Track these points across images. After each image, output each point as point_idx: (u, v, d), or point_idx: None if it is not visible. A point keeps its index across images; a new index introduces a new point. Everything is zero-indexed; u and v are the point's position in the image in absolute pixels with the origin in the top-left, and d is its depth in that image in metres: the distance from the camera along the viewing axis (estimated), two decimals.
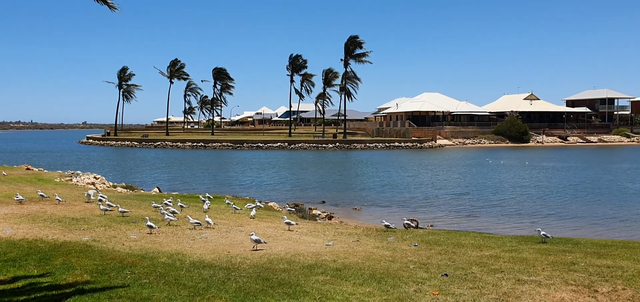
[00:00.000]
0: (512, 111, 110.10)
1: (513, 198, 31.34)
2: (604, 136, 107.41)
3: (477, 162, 60.57)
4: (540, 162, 60.08)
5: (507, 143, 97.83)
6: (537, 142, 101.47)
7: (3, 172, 30.95)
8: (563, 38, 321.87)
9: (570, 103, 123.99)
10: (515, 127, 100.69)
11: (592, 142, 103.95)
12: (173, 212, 16.69)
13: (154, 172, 48.95)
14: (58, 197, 19.02)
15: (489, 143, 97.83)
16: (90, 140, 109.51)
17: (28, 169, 36.38)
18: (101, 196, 19.91)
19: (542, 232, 14.65)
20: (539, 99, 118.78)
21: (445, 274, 9.70)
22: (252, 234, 12.30)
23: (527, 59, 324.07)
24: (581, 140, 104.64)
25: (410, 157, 69.92)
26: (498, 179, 42.07)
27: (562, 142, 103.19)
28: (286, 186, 38.12)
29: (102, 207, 17.00)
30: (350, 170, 52.46)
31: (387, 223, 17.02)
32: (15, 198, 18.72)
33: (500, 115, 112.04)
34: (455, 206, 28.69)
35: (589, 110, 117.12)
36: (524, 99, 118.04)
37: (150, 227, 13.70)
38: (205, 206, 19.26)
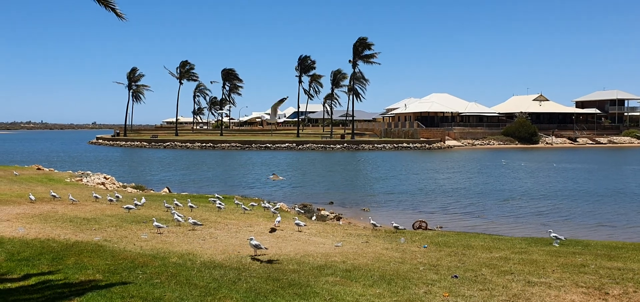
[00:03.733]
0: (521, 112, 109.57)
1: (524, 199, 31.20)
2: (614, 137, 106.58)
3: (490, 163, 60.29)
4: (564, 163, 59.62)
5: (516, 144, 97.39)
6: (547, 143, 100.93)
7: (15, 172, 31.25)
8: (573, 39, 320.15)
9: (580, 104, 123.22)
10: (525, 128, 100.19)
11: (602, 143, 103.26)
12: (179, 211, 16.79)
13: (164, 173, 49.17)
14: (71, 197, 19.20)
15: (498, 144, 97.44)
16: (100, 141, 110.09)
17: (39, 169, 36.69)
18: (115, 195, 20.17)
19: (553, 234, 14.61)
20: (548, 100, 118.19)
21: (455, 276, 9.71)
22: (252, 239, 11.41)
23: (536, 60, 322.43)
24: (591, 142, 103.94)
25: (419, 158, 69.78)
26: (517, 182, 41.90)
27: (571, 143, 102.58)
28: (294, 187, 38.18)
29: (127, 206, 17.31)
30: (358, 171, 52.46)
31: (396, 224, 17.05)
32: (30, 198, 19.00)
33: (510, 116, 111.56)
34: (465, 207, 28.62)
35: (599, 112, 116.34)
36: (534, 100, 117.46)
37: (158, 227, 13.79)
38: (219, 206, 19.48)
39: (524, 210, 27.48)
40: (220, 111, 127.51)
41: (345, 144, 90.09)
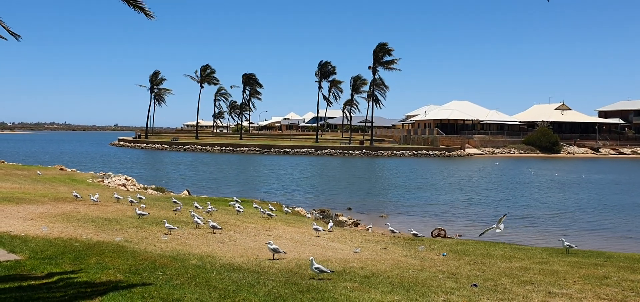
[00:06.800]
0: (543, 121, 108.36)
1: (547, 210, 30.82)
2: (638, 148, 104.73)
3: (515, 172, 59.66)
4: (592, 174, 58.85)
5: (538, 153, 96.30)
6: (568, 153, 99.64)
7: (38, 172, 31.81)
8: (596, 47, 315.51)
9: (603, 114, 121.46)
10: (546, 137, 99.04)
11: (625, 154, 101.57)
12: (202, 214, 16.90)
13: (183, 175, 49.59)
14: (93, 198, 19.50)
15: (519, 153, 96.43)
16: (122, 143, 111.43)
17: (62, 169, 37.29)
18: (138, 197, 20.41)
19: (567, 243, 14.49)
20: (570, 110, 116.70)
21: (475, 285, 9.63)
22: (270, 243, 11.60)
23: (559, 69, 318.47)
24: (614, 152, 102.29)
25: (438, 165, 69.37)
26: (541, 193, 41.40)
27: (593, 153, 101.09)
28: (312, 192, 38.22)
29: (140, 213, 17.35)
30: (376, 177, 52.32)
31: (414, 231, 16.98)
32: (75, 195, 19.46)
33: (531, 125, 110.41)
34: (484, 216, 28.36)
35: (623, 122, 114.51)
36: (555, 109, 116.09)
37: (170, 229, 13.93)
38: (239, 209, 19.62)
39: (545, 220, 27.16)
40: (241, 115, 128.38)
41: (364, 150, 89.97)
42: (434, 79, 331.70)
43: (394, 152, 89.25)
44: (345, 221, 24.38)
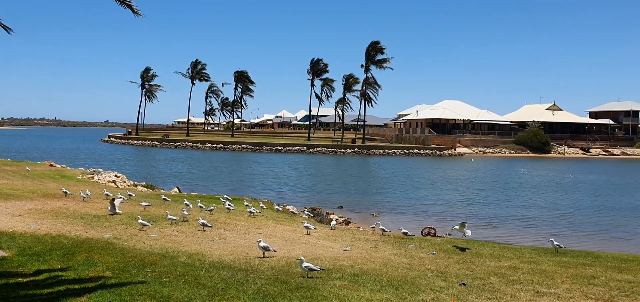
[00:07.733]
0: (533, 121, 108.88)
1: (537, 210, 30.98)
2: (627, 149, 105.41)
3: (507, 172, 59.91)
4: (584, 174, 59.26)
5: (528, 153, 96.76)
6: (559, 153, 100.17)
7: (27, 168, 31.56)
8: (587, 48, 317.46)
9: (594, 115, 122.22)
10: (537, 138, 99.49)
11: (615, 154, 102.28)
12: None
13: (174, 172, 49.40)
14: (84, 195, 19.38)
15: (510, 153, 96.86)
16: (112, 139, 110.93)
17: (51, 165, 37.02)
18: (128, 194, 20.30)
19: (556, 243, 14.57)
20: (561, 110, 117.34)
21: (464, 284, 9.68)
22: (260, 241, 11.65)
23: (550, 69, 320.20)
24: (604, 153, 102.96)
25: (430, 164, 69.55)
26: (533, 193, 41.60)
27: (584, 154, 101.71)
28: (304, 190, 38.20)
29: (113, 210, 17.24)
30: (368, 176, 52.37)
31: (404, 230, 17.04)
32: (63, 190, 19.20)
33: (522, 125, 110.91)
34: (474, 215, 28.47)
35: (613, 123, 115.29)
36: (546, 109, 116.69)
37: (143, 225, 13.88)
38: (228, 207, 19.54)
39: (534, 220, 27.30)
40: (232, 113, 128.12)
41: (355, 149, 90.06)
42: (426, 79, 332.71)
43: (386, 151, 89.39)
44: (336, 219, 24.38)
